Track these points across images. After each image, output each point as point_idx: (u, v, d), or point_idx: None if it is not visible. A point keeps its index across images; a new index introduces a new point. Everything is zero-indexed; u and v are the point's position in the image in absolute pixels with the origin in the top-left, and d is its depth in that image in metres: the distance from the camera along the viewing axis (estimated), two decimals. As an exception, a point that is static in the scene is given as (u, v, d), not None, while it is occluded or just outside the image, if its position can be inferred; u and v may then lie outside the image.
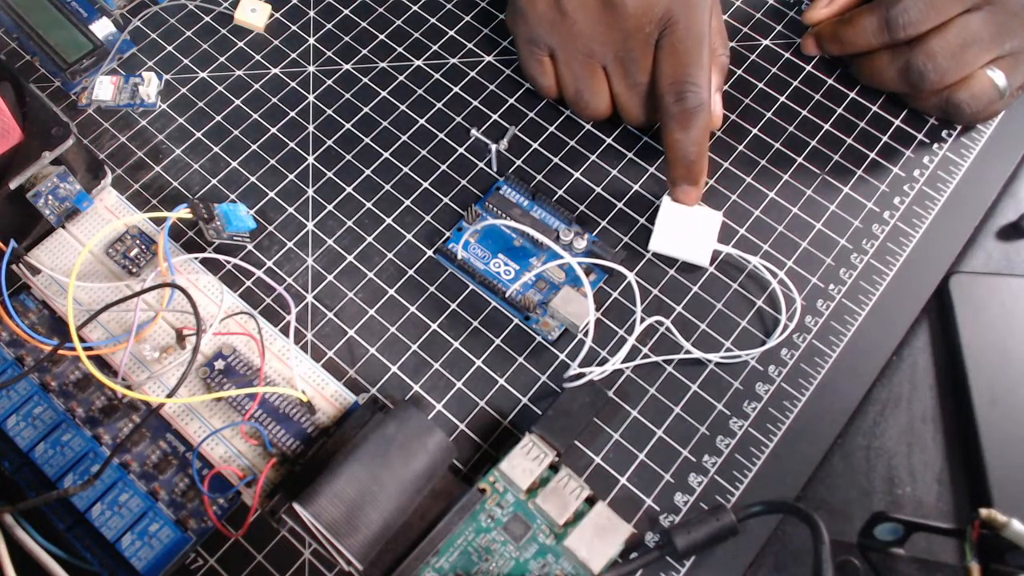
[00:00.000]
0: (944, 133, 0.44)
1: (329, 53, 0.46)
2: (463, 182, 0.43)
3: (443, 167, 0.43)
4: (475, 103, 0.45)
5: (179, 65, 0.46)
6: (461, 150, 0.44)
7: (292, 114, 0.44)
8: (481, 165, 0.43)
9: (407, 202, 0.42)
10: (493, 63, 0.46)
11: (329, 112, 0.44)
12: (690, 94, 0.38)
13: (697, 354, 0.38)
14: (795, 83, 0.45)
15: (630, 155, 0.43)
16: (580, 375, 0.36)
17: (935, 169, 0.43)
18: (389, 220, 0.42)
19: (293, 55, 0.46)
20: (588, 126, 0.44)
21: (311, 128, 0.44)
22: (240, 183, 0.42)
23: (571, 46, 0.40)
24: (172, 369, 0.36)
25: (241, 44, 0.47)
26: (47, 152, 0.36)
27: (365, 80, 0.46)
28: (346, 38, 0.47)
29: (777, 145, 0.44)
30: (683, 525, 0.32)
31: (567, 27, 0.40)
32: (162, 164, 0.43)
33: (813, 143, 0.44)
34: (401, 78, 0.46)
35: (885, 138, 0.44)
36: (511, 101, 0.45)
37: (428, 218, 0.42)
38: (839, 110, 0.45)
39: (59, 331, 0.37)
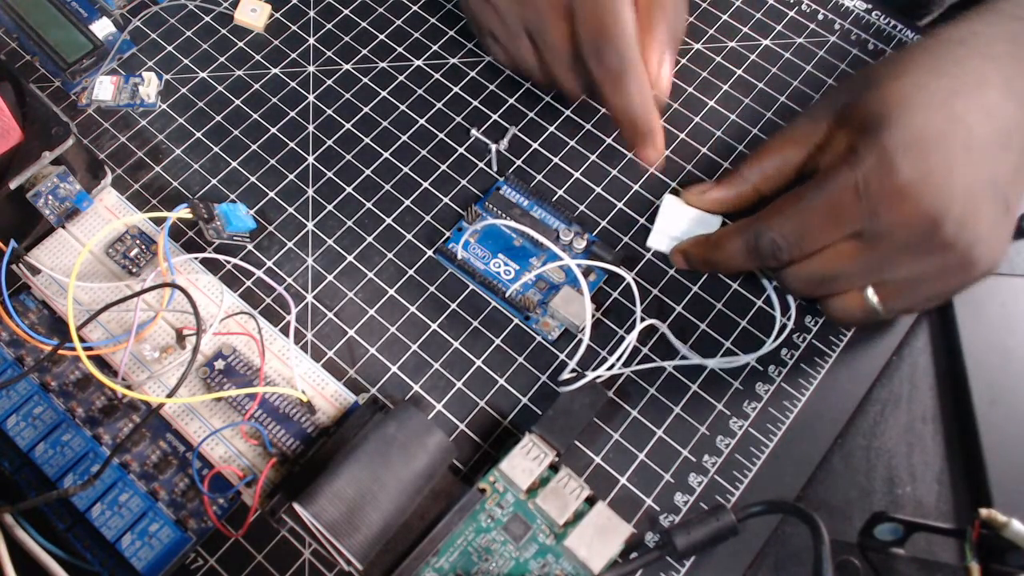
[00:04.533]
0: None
1: (329, 53, 0.46)
2: (463, 182, 0.43)
3: (443, 167, 0.43)
4: (475, 103, 0.45)
5: (179, 65, 0.46)
6: (461, 150, 0.43)
7: (292, 114, 0.44)
8: (481, 165, 0.43)
9: (407, 202, 0.42)
10: (493, 63, 0.46)
11: (329, 112, 0.44)
12: (610, 55, 0.37)
13: (696, 360, 0.38)
14: (795, 83, 0.45)
15: (630, 155, 0.43)
16: (579, 375, 0.36)
17: (935, 169, 0.43)
18: (389, 220, 0.42)
19: (293, 55, 0.46)
20: (588, 126, 0.44)
21: (311, 128, 0.44)
22: (240, 183, 0.42)
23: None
24: (172, 369, 0.36)
25: (241, 44, 0.47)
26: (47, 152, 0.36)
27: (365, 80, 0.46)
28: (346, 38, 0.47)
29: (777, 145, 0.44)
30: (683, 525, 0.32)
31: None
32: (162, 164, 0.43)
33: (813, 143, 0.44)
34: (401, 78, 0.46)
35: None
36: (511, 101, 0.45)
37: (428, 218, 0.42)
38: (839, 110, 0.44)
39: (59, 331, 0.37)
